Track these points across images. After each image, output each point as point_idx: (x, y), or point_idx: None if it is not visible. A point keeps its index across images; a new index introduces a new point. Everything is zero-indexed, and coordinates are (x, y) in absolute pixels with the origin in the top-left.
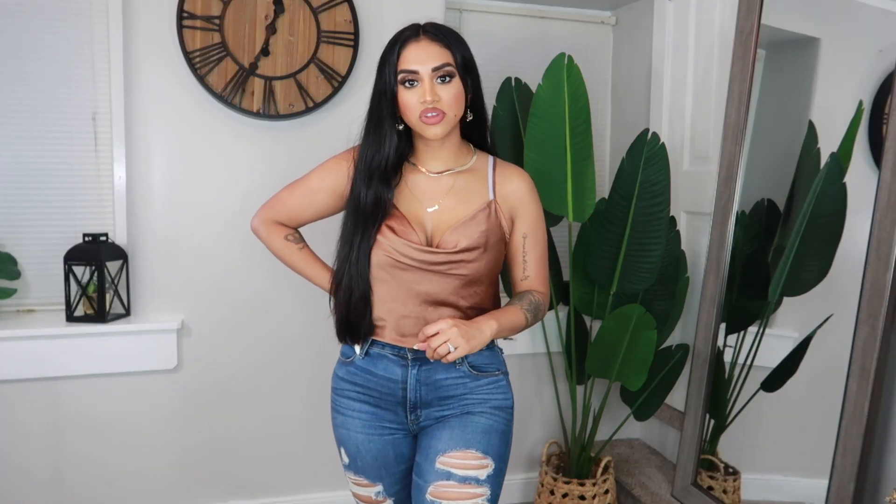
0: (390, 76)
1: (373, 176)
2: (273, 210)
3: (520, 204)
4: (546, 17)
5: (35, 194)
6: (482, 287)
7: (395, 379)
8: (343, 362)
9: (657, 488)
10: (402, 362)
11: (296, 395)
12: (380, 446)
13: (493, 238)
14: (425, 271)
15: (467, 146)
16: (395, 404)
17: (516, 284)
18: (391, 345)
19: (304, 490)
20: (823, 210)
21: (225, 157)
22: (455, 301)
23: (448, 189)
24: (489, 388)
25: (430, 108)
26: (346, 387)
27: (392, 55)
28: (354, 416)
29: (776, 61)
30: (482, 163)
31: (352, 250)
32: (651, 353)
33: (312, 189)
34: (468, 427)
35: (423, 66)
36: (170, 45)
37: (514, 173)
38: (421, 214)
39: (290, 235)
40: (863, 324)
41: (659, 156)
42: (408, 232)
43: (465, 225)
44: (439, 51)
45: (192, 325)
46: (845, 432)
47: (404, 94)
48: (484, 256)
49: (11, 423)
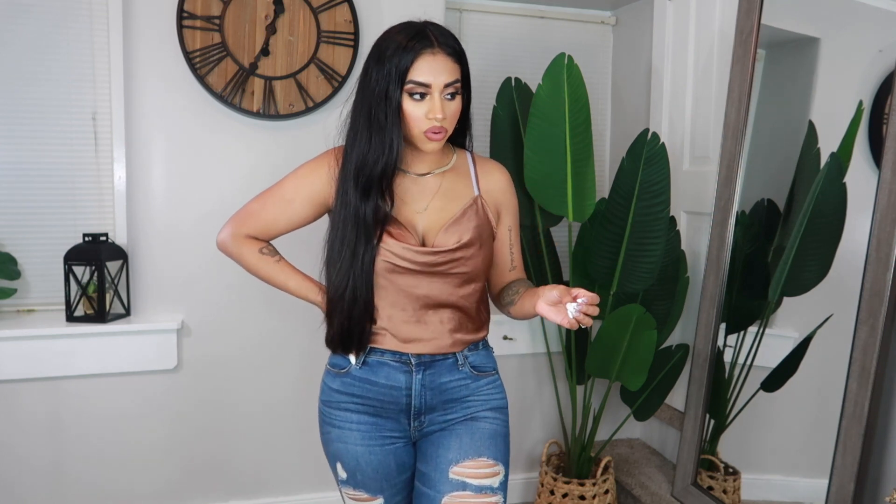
0: (395, 82)
1: (372, 185)
2: (243, 223)
3: (503, 196)
4: (546, 17)
5: (35, 194)
6: (479, 284)
7: (399, 386)
8: (335, 373)
9: (657, 488)
10: (405, 368)
11: (296, 396)
12: (381, 457)
13: (485, 233)
14: (424, 274)
15: (448, 145)
16: (398, 412)
17: (503, 276)
18: (392, 351)
19: (304, 490)
20: (823, 210)
21: (225, 157)
22: (455, 301)
23: (435, 190)
24: (488, 389)
25: (437, 125)
26: (342, 399)
27: (402, 61)
28: (353, 427)
29: (776, 61)
30: (462, 160)
31: (355, 259)
32: (651, 353)
33: (287, 198)
34: (476, 434)
35: (437, 79)
36: (170, 45)
37: (494, 168)
38: (412, 217)
39: (264, 248)
40: (863, 324)
41: (659, 156)
42: (405, 235)
43: (457, 222)
44: (452, 66)
45: (192, 325)
46: (845, 432)
47: (410, 105)
48: (480, 252)
49: (12, 423)
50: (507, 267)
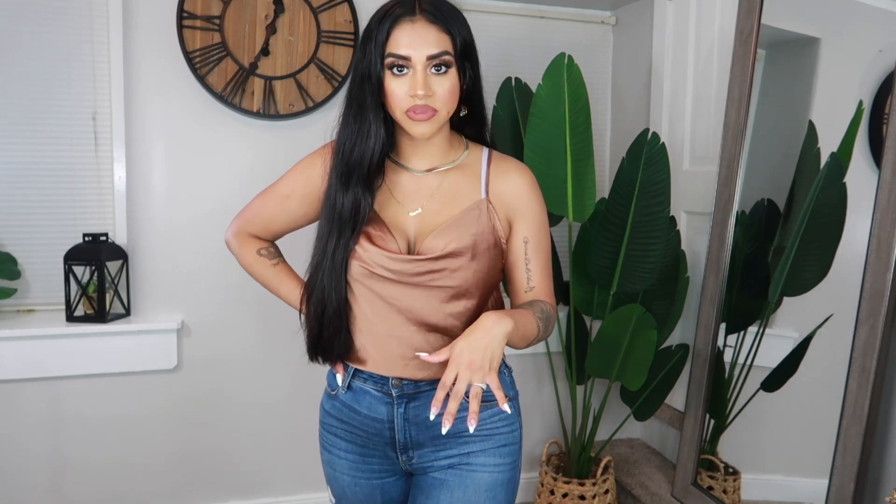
0: (375, 57)
1: (352, 174)
2: (245, 221)
3: (518, 202)
4: (546, 17)
5: (35, 194)
6: (473, 302)
7: (381, 418)
8: (329, 394)
9: (657, 488)
10: (386, 399)
11: (295, 396)
12: (367, 490)
13: (484, 243)
14: (404, 284)
15: (458, 139)
16: (384, 445)
17: (519, 298)
18: (375, 377)
19: (304, 490)
20: (823, 210)
21: (225, 157)
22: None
23: (433, 190)
24: (493, 421)
25: (420, 104)
26: (333, 422)
27: (379, 33)
28: (341, 455)
29: (776, 61)
30: (475, 157)
31: (324, 258)
32: (651, 353)
33: (283, 194)
34: (470, 487)
35: (417, 51)
36: (170, 45)
37: (512, 168)
38: (402, 219)
39: (263, 249)
40: (863, 324)
41: (659, 156)
42: (386, 240)
43: (449, 227)
44: (437, 35)
45: (192, 325)
46: (845, 432)
47: (391, 81)
48: (471, 265)
49: (11, 422)
50: (523, 287)
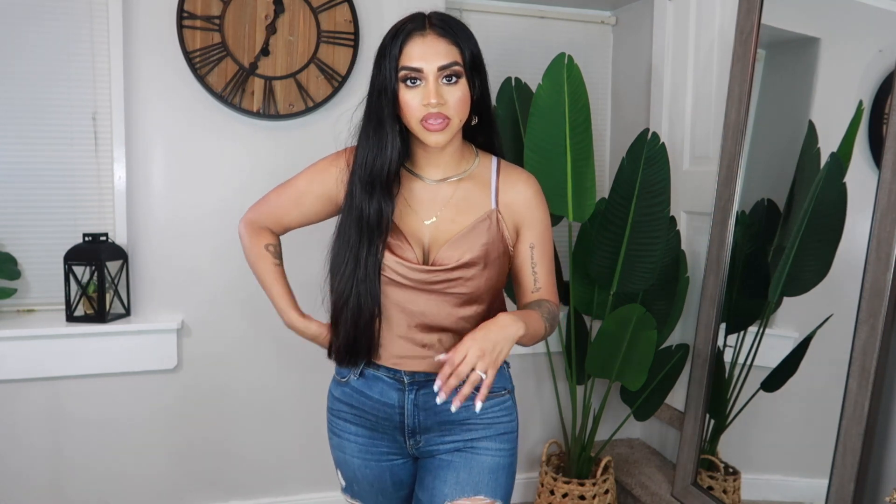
0: (390, 72)
1: (374, 184)
2: (260, 212)
3: (526, 211)
4: (546, 17)
5: (35, 194)
6: (482, 306)
7: (392, 404)
8: (338, 382)
9: (657, 488)
10: (398, 386)
11: (296, 396)
12: (377, 472)
13: (495, 252)
14: (419, 290)
15: (469, 148)
16: (393, 429)
17: (526, 298)
18: (386, 367)
19: (304, 490)
20: (823, 210)
21: (225, 157)
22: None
23: (447, 199)
24: (494, 412)
25: (433, 112)
26: (342, 408)
27: (393, 48)
28: (351, 439)
29: (776, 61)
30: (485, 167)
31: (358, 266)
32: (651, 353)
33: (301, 191)
34: (474, 468)
35: (429, 64)
36: (170, 45)
37: (519, 178)
38: (418, 228)
39: (270, 246)
40: (863, 324)
41: (659, 156)
42: (403, 249)
43: (462, 238)
44: (447, 48)
45: (192, 325)
46: (845, 432)
47: (405, 93)
48: (484, 273)
49: (11, 423)
50: (530, 288)
